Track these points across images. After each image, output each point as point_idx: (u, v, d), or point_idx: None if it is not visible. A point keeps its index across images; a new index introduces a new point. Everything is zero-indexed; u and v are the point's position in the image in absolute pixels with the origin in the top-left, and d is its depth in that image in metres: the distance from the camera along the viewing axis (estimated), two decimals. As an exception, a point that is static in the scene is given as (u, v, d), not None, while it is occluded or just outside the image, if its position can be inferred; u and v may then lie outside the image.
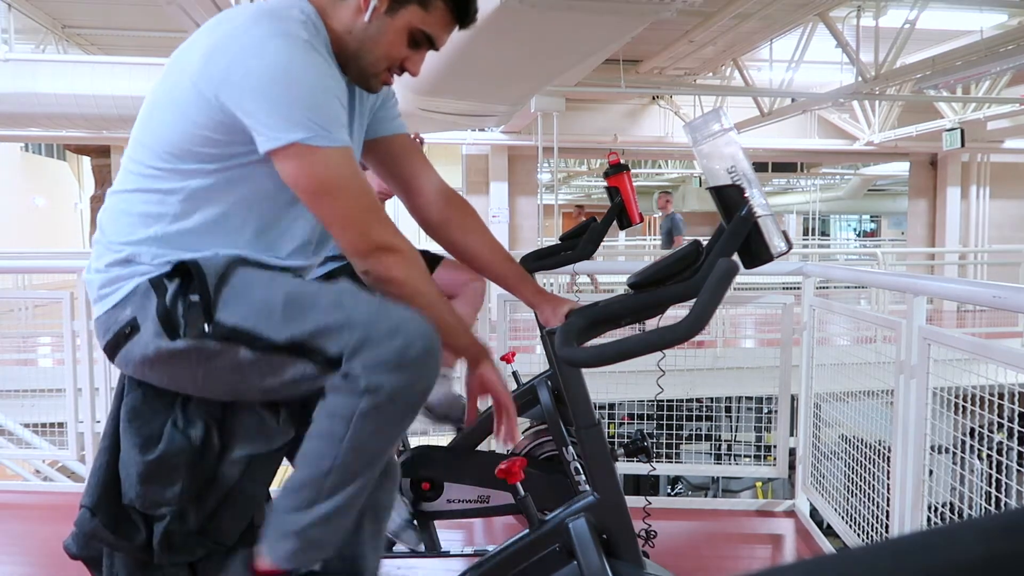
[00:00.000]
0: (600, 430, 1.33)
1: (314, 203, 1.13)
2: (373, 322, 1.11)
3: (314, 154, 1.08)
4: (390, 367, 1.09)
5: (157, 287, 1.13)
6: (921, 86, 7.22)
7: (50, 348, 7.28)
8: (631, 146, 10.87)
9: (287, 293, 1.14)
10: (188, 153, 1.13)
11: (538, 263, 2.09)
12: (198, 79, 1.10)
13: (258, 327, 1.11)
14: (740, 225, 1.05)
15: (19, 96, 6.60)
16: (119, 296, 1.15)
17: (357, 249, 1.14)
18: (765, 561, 2.65)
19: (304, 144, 1.07)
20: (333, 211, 1.13)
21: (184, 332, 1.11)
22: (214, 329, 1.11)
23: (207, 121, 1.10)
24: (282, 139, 1.07)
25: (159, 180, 1.15)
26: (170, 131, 1.13)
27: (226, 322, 1.11)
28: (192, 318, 1.11)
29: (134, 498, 1.21)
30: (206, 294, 1.11)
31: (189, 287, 1.12)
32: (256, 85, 1.06)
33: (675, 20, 4.45)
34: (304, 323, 1.11)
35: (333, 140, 1.10)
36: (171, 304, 1.12)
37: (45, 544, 2.53)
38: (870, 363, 2.47)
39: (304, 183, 1.11)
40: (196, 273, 1.12)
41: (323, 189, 1.11)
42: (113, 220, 1.19)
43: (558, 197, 9.24)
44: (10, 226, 13.69)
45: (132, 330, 1.14)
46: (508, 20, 4.11)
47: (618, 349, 0.94)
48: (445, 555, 2.25)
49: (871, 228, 26.37)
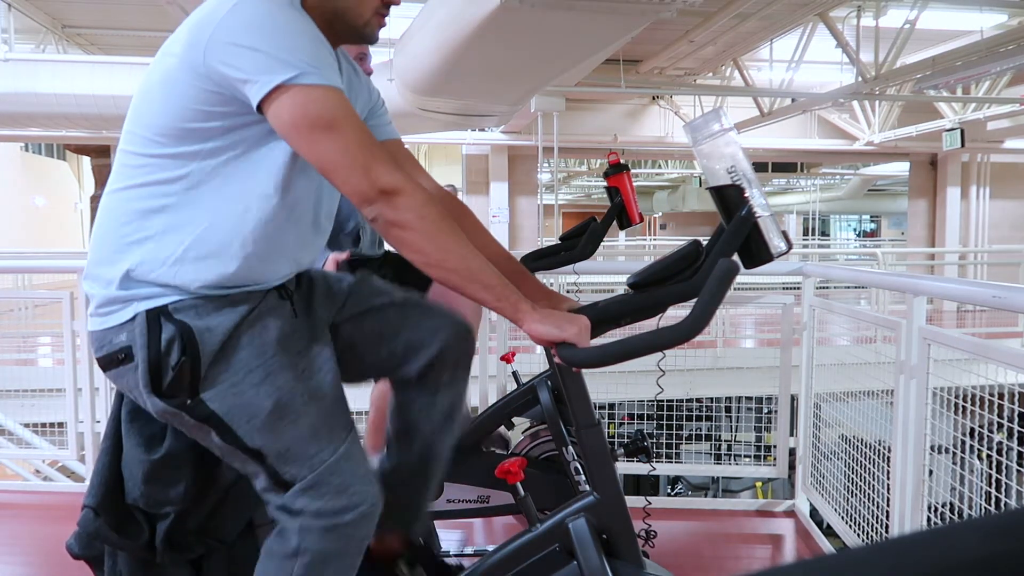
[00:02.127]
0: (600, 430, 1.33)
1: (310, 146, 1.06)
2: (330, 471, 1.14)
3: (306, 92, 1.04)
4: (325, 526, 1.13)
5: (153, 324, 1.11)
6: (921, 86, 7.22)
7: (50, 348, 7.28)
8: (631, 146, 10.87)
9: (276, 401, 1.13)
10: (185, 132, 1.10)
11: (538, 263, 2.09)
12: (185, 54, 1.08)
13: (235, 425, 1.13)
14: (740, 225, 1.05)
15: (19, 96, 6.61)
16: (116, 320, 1.13)
17: (362, 193, 1.06)
18: (765, 561, 2.65)
19: (294, 83, 1.04)
20: (332, 151, 1.06)
21: (167, 393, 1.11)
22: (195, 406, 1.12)
23: (199, 94, 1.08)
24: (272, 80, 1.04)
25: (157, 169, 1.12)
26: (163, 113, 1.11)
27: (209, 405, 1.12)
28: (177, 385, 1.11)
29: (138, 497, 1.21)
30: (196, 371, 1.11)
31: (184, 343, 1.10)
32: (239, 39, 1.05)
33: (675, 20, 4.45)
34: (277, 440, 1.14)
35: (325, 79, 1.06)
36: (164, 355, 1.10)
37: (45, 544, 2.53)
38: (870, 363, 2.47)
39: (298, 122, 1.05)
40: (190, 344, 1.10)
41: (318, 126, 1.05)
42: (111, 221, 1.15)
43: (558, 197, 9.24)
44: (10, 226, 13.69)
45: (125, 358, 1.13)
46: (508, 20, 4.11)
47: (619, 349, 0.94)
48: (445, 555, 2.25)
49: (871, 228, 26.37)
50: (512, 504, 1.99)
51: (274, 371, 1.14)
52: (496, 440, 2.30)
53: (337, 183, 1.08)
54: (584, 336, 1.06)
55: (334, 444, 1.16)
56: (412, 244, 1.07)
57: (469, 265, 1.07)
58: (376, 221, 1.07)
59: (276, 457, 1.14)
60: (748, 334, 8.07)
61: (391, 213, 1.06)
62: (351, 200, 1.08)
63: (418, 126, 7.37)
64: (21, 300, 8.27)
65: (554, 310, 1.11)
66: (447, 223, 1.08)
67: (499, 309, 1.09)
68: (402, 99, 6.18)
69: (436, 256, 1.07)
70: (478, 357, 2.93)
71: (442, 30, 4.77)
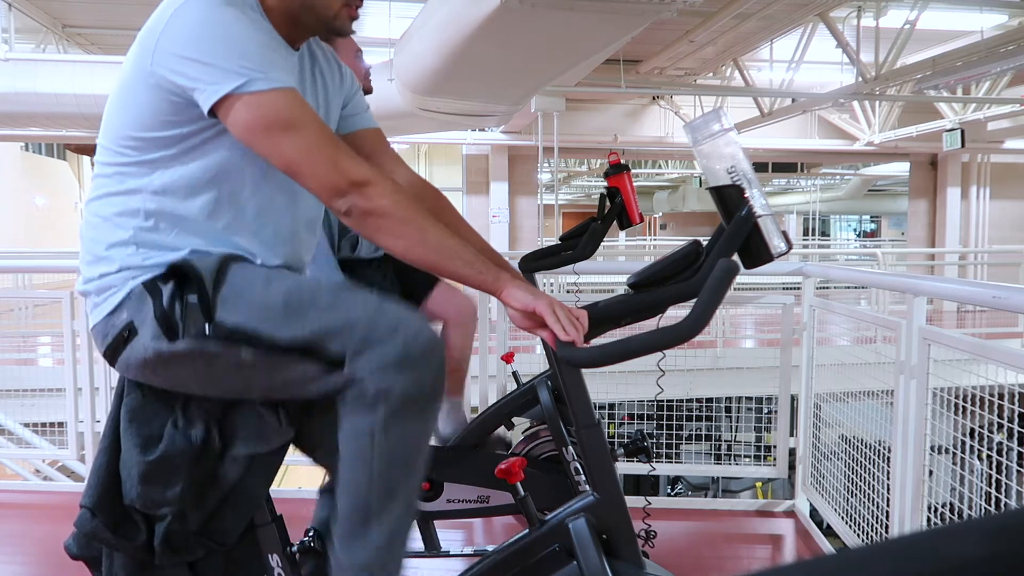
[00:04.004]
0: (600, 430, 1.33)
1: (272, 148, 1.07)
2: (372, 321, 1.09)
3: (257, 98, 1.05)
4: (395, 367, 1.08)
5: (152, 290, 1.12)
6: (921, 86, 7.22)
7: (50, 348, 7.28)
8: (631, 146, 10.87)
9: (286, 292, 1.12)
10: (147, 141, 1.12)
11: (538, 263, 2.09)
12: (137, 62, 1.10)
13: (259, 327, 1.10)
14: (740, 225, 1.05)
15: (19, 96, 6.61)
16: (114, 302, 1.14)
17: (332, 185, 1.06)
18: (765, 561, 2.65)
19: (244, 91, 1.05)
20: (295, 150, 1.06)
21: (183, 333, 1.10)
22: (214, 329, 1.10)
23: (154, 100, 1.09)
24: (220, 90, 1.04)
25: (127, 178, 1.14)
26: (124, 121, 1.12)
27: (226, 322, 1.10)
28: (191, 319, 1.10)
29: (135, 498, 1.21)
30: (204, 294, 1.10)
31: (185, 288, 1.11)
32: (182, 50, 1.06)
33: (675, 20, 4.45)
34: (304, 323, 1.10)
35: (274, 81, 1.06)
36: (168, 306, 1.11)
37: (45, 544, 2.53)
38: (870, 363, 2.47)
39: (254, 127, 1.06)
40: (192, 274, 1.11)
41: (276, 127, 1.06)
42: (92, 230, 1.18)
43: (558, 197, 9.24)
44: (10, 226, 13.69)
45: (130, 334, 1.13)
46: (508, 20, 4.11)
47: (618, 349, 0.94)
48: (445, 555, 2.25)
49: (871, 228, 26.36)
50: (512, 504, 1.99)
51: (273, 276, 1.15)
52: (496, 441, 2.30)
53: (305, 181, 1.08)
54: (557, 310, 1.06)
55: (360, 301, 1.13)
56: (390, 229, 1.08)
57: (447, 243, 1.09)
58: (349, 214, 1.07)
59: (314, 339, 1.10)
60: (748, 334, 8.07)
61: (364, 202, 1.06)
62: (320, 196, 1.09)
63: (418, 126, 7.37)
64: (21, 300, 8.26)
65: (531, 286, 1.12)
66: (419, 206, 1.10)
67: (480, 283, 1.10)
68: (402, 99, 6.18)
69: (415, 237, 1.08)
70: (478, 357, 2.93)
71: (442, 30, 4.77)
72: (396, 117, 6.49)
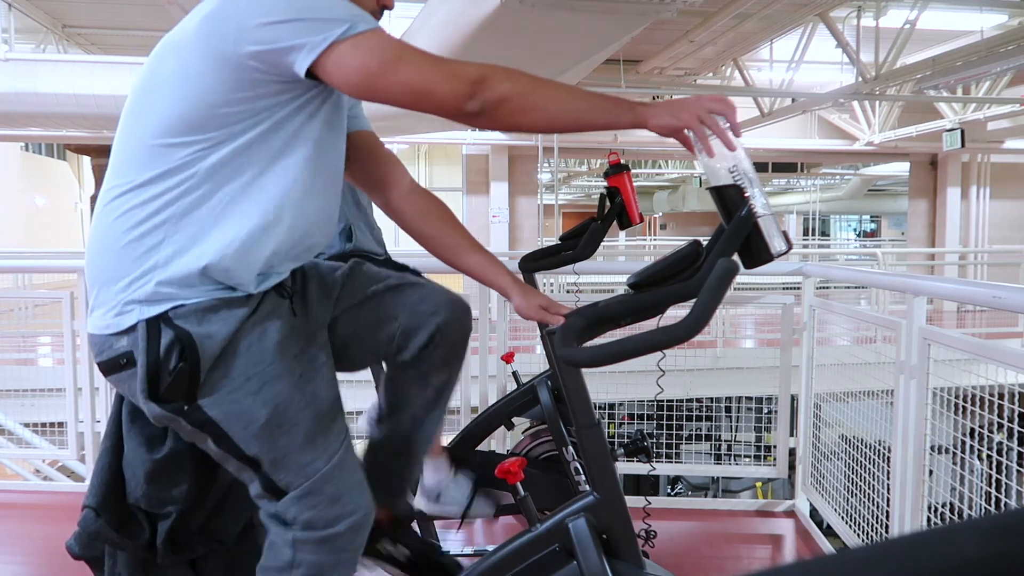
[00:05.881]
0: (600, 430, 1.33)
1: (394, 80, 1.07)
2: (324, 481, 1.15)
3: (363, 39, 1.06)
4: (316, 539, 1.15)
5: (152, 332, 1.10)
6: (921, 86, 7.22)
7: (50, 348, 7.27)
8: (631, 146, 10.85)
9: (272, 410, 1.13)
10: (207, 119, 1.08)
11: (538, 263, 2.09)
12: (207, 49, 1.07)
13: (231, 431, 1.13)
14: (740, 225, 1.05)
15: (19, 96, 6.60)
16: (117, 327, 1.12)
17: (459, 94, 1.06)
18: (765, 561, 2.65)
19: (348, 36, 1.05)
20: (416, 73, 1.07)
21: (164, 398, 1.11)
22: (192, 412, 1.12)
23: (225, 83, 1.07)
24: (328, 38, 1.04)
25: (160, 171, 1.09)
26: (181, 106, 1.09)
27: (206, 411, 1.12)
28: (175, 390, 1.10)
29: (140, 497, 1.21)
30: (195, 378, 1.10)
31: (183, 351, 1.09)
32: (274, 11, 1.05)
33: (675, 20, 4.45)
34: (272, 447, 1.14)
35: (370, 23, 1.08)
36: (162, 362, 1.09)
37: (45, 544, 2.53)
38: (870, 363, 2.47)
39: (373, 64, 1.06)
40: (189, 351, 1.09)
41: (391, 59, 1.06)
42: (112, 228, 1.12)
43: (558, 197, 9.24)
44: (10, 226, 13.68)
45: (127, 363, 1.12)
46: (508, 20, 4.11)
47: (618, 349, 0.93)
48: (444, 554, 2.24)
49: (871, 228, 26.36)
50: (512, 504, 1.99)
51: (271, 379, 1.13)
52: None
53: (432, 101, 1.07)
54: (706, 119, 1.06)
55: (328, 452, 1.16)
56: (525, 106, 1.08)
57: (575, 95, 1.10)
58: (483, 113, 1.07)
59: (271, 464, 1.14)
60: (748, 334, 8.07)
61: (491, 93, 1.06)
62: (447, 110, 1.08)
63: (418, 126, 7.38)
64: (21, 300, 8.26)
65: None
66: (541, 82, 1.10)
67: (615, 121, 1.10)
68: (402, 99, 6.16)
69: (551, 104, 1.09)
70: (478, 357, 2.93)
71: (442, 30, 4.77)
72: (396, 117, 6.48)
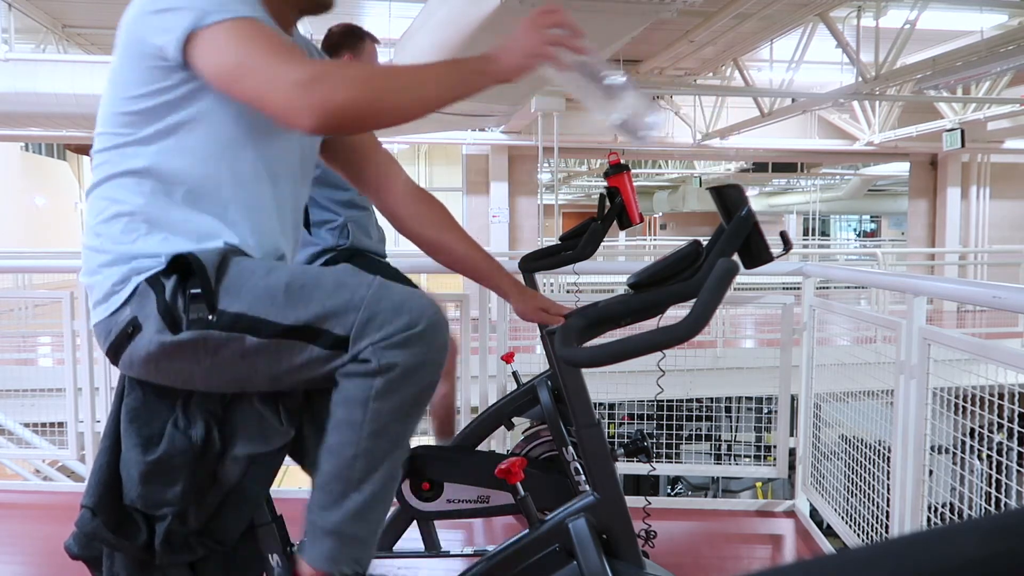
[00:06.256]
0: (600, 430, 1.33)
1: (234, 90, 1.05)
2: (376, 301, 1.10)
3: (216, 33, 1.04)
4: (399, 344, 1.08)
5: (154, 285, 1.11)
6: (921, 86, 7.22)
7: (50, 348, 7.27)
8: (631, 146, 10.86)
9: (288, 278, 1.12)
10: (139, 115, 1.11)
11: (538, 263, 2.09)
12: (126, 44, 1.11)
13: (262, 313, 1.10)
14: (740, 225, 1.05)
15: (19, 96, 6.61)
16: (118, 301, 1.13)
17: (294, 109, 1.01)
18: (765, 561, 2.65)
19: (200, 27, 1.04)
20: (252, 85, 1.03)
21: (187, 324, 1.10)
22: (218, 318, 1.10)
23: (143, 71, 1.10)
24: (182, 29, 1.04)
25: (124, 158, 1.14)
26: (116, 98, 1.13)
27: (229, 310, 1.10)
28: (195, 309, 1.10)
29: (135, 498, 1.20)
30: (207, 285, 1.10)
31: (187, 281, 1.11)
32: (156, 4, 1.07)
33: (675, 20, 4.45)
34: (308, 306, 1.10)
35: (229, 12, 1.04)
36: (171, 299, 1.10)
37: (45, 544, 2.53)
38: (870, 363, 2.47)
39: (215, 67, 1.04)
40: (195, 265, 1.10)
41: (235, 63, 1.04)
42: (93, 218, 1.17)
43: (558, 197, 9.24)
44: (10, 226, 13.68)
45: (134, 330, 1.12)
46: (508, 20, 4.11)
47: (618, 349, 0.93)
48: (445, 555, 2.25)
49: (871, 228, 26.36)
50: (512, 504, 1.99)
51: (274, 268, 1.15)
52: None
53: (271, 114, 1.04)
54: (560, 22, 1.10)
55: (366, 281, 1.13)
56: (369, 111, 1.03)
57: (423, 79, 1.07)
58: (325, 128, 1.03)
59: (318, 321, 1.10)
60: (748, 334, 8.07)
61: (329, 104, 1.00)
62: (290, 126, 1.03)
63: (418, 126, 7.37)
64: (21, 300, 8.26)
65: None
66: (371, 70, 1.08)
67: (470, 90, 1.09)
68: (402, 99, 6.17)
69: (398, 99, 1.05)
70: (478, 357, 2.94)
71: (442, 29, 4.77)
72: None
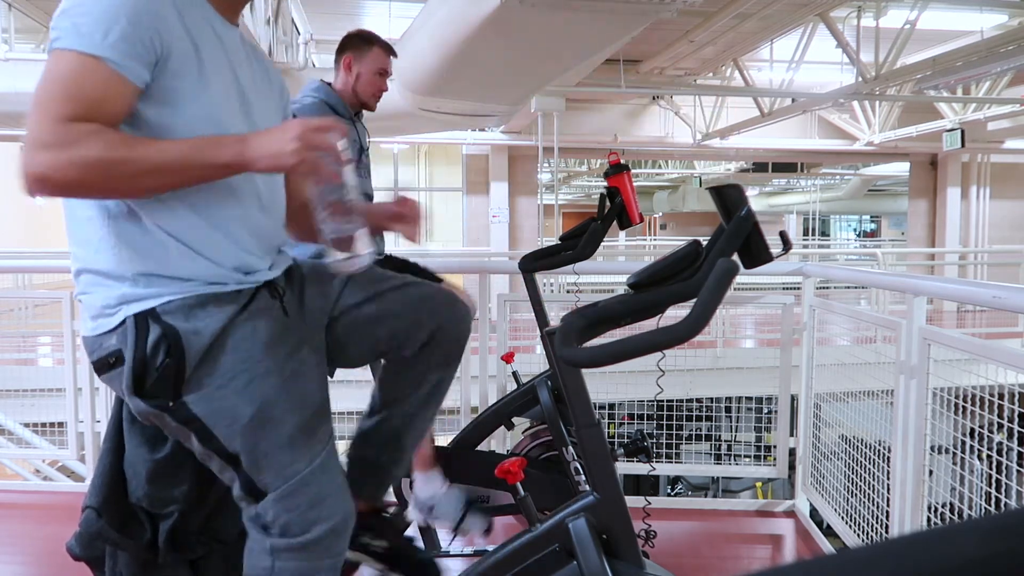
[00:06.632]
0: (600, 430, 1.33)
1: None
2: (305, 481, 1.13)
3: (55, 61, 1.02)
4: (294, 546, 1.12)
5: (140, 328, 1.09)
6: (921, 86, 7.22)
7: (50, 348, 7.27)
8: (631, 146, 10.86)
9: (258, 408, 1.12)
10: None
11: (538, 263, 2.10)
12: None
13: (215, 428, 1.12)
14: (740, 225, 1.05)
15: (19, 96, 6.60)
16: (107, 326, 1.12)
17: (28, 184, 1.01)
18: (765, 561, 2.65)
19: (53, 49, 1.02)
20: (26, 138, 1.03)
21: (149, 394, 1.10)
22: (176, 409, 1.11)
23: None
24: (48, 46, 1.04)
25: None
26: None
27: (191, 408, 1.11)
28: (160, 387, 1.09)
29: (142, 497, 1.21)
30: (181, 370, 1.09)
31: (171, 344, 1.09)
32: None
33: (675, 20, 4.45)
34: (255, 446, 1.12)
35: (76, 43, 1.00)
36: (151, 353, 1.09)
37: (45, 544, 2.53)
38: (870, 363, 2.47)
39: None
40: (175, 347, 1.08)
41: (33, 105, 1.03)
42: (77, 227, 1.14)
43: (558, 197, 9.24)
44: (10, 226, 13.68)
45: (116, 361, 1.12)
46: (508, 20, 4.11)
47: (618, 349, 0.93)
48: (445, 555, 2.25)
49: (871, 228, 26.35)
50: (512, 504, 1.99)
51: (259, 376, 1.12)
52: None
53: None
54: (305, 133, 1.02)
55: (311, 454, 1.14)
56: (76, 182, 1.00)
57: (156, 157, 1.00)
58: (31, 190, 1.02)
59: (252, 464, 1.13)
60: (748, 334, 8.07)
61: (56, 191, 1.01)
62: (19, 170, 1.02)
63: (418, 126, 7.37)
64: (21, 300, 8.25)
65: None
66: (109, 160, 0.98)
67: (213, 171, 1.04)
68: (402, 99, 6.17)
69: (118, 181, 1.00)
70: (478, 357, 2.93)
71: (442, 29, 4.77)
72: (396, 117, 6.49)
